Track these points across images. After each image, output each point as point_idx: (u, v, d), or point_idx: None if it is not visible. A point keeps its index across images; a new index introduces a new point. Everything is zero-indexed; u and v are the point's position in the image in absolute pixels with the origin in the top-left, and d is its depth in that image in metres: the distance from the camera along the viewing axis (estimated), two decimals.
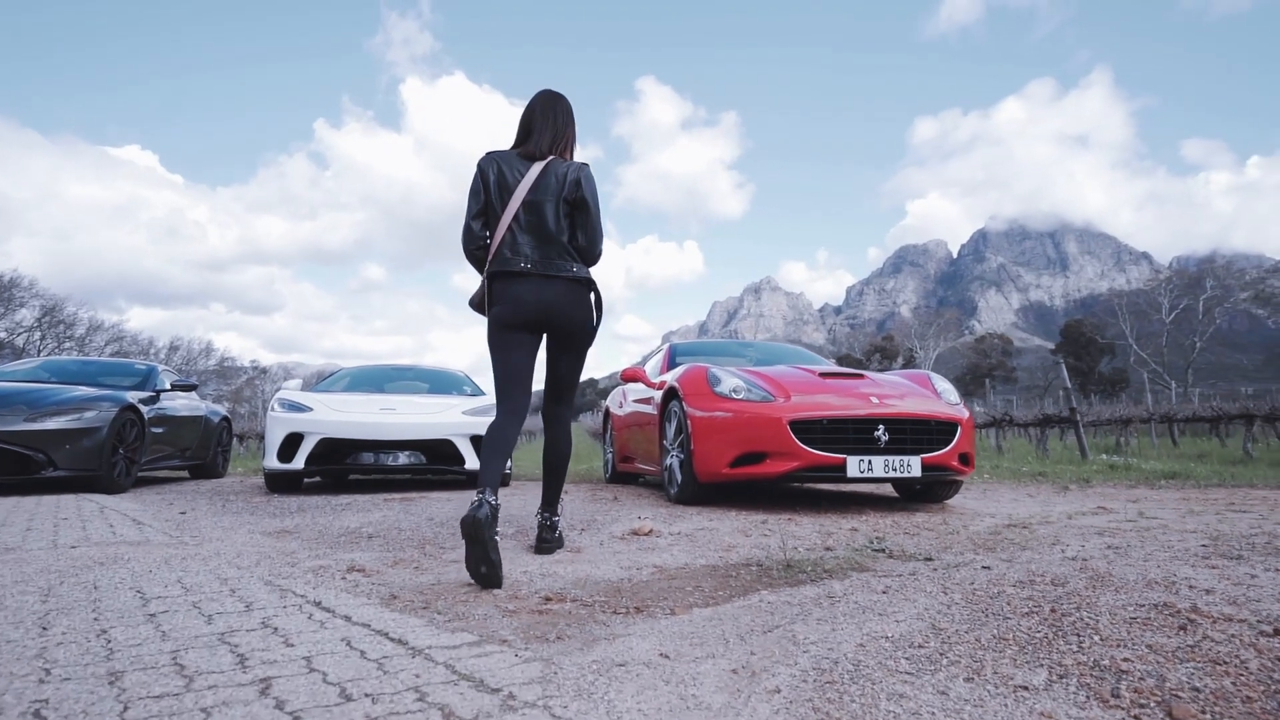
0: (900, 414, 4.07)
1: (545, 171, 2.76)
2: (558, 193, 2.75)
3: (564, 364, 2.89)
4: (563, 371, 2.90)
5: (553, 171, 2.77)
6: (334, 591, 2.16)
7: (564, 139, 2.87)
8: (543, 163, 2.78)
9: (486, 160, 2.80)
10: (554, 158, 2.81)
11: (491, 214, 2.76)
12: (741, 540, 3.21)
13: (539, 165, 2.77)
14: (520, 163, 2.79)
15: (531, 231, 2.72)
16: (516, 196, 2.72)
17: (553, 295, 2.72)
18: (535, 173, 2.75)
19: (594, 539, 3.25)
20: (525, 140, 2.85)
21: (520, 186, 2.73)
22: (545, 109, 2.86)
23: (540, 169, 2.76)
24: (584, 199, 2.79)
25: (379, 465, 5.58)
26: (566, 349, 2.85)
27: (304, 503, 4.82)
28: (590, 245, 2.83)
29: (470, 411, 5.95)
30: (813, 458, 3.94)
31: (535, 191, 2.73)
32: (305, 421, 5.55)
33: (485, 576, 2.27)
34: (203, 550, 2.93)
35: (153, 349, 46.20)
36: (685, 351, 6.09)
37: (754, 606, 1.99)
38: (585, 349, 2.90)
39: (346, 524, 3.76)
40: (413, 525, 3.69)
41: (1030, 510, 4.33)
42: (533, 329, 2.76)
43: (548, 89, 2.96)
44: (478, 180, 2.78)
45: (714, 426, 4.23)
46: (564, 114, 2.89)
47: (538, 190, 2.74)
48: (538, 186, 2.74)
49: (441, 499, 5.03)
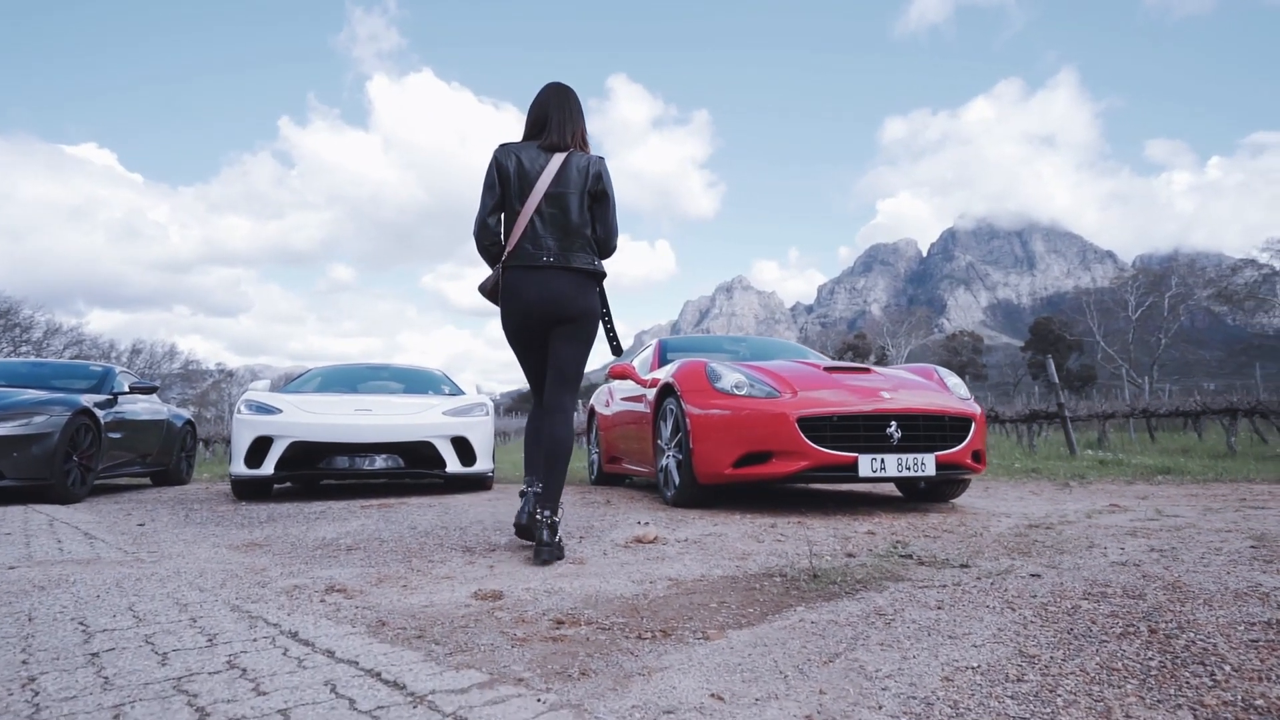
0: (913, 409, 3.86)
1: (566, 163, 2.74)
2: (580, 185, 2.74)
3: (567, 352, 2.82)
4: (565, 360, 2.83)
5: (574, 164, 2.75)
6: (312, 618, 1.88)
7: (580, 131, 2.86)
8: (564, 154, 2.76)
9: (503, 152, 2.76)
10: (574, 150, 2.79)
11: (509, 207, 2.74)
12: (755, 547, 2.98)
13: (560, 157, 2.74)
14: (540, 154, 2.75)
15: (554, 224, 2.72)
16: (539, 189, 2.69)
17: (560, 286, 2.71)
18: (557, 164, 2.72)
19: (595, 547, 2.99)
20: (541, 132, 2.81)
21: (542, 178, 2.70)
22: (559, 101, 2.84)
23: (562, 160, 2.74)
24: (605, 191, 2.81)
25: (355, 470, 5.26)
26: (570, 337, 2.80)
27: (274, 511, 4.50)
28: (608, 237, 2.85)
29: (451, 412, 5.64)
30: (823, 457, 3.71)
31: (558, 184, 2.71)
32: (274, 424, 5.21)
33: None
34: (161, 569, 2.61)
35: (114, 352, 44.82)
36: (676, 348, 5.85)
37: (796, 628, 1.75)
38: (590, 339, 2.86)
39: (322, 535, 3.46)
40: (395, 535, 3.40)
41: (1043, 509, 4.15)
42: (542, 324, 2.79)
43: (556, 82, 2.91)
44: (493, 172, 2.74)
45: (715, 425, 3.99)
46: (576, 106, 2.87)
47: (560, 182, 2.72)
48: (560, 179, 2.72)
49: (423, 505, 4.73)
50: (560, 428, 2.79)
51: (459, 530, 3.52)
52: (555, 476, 2.74)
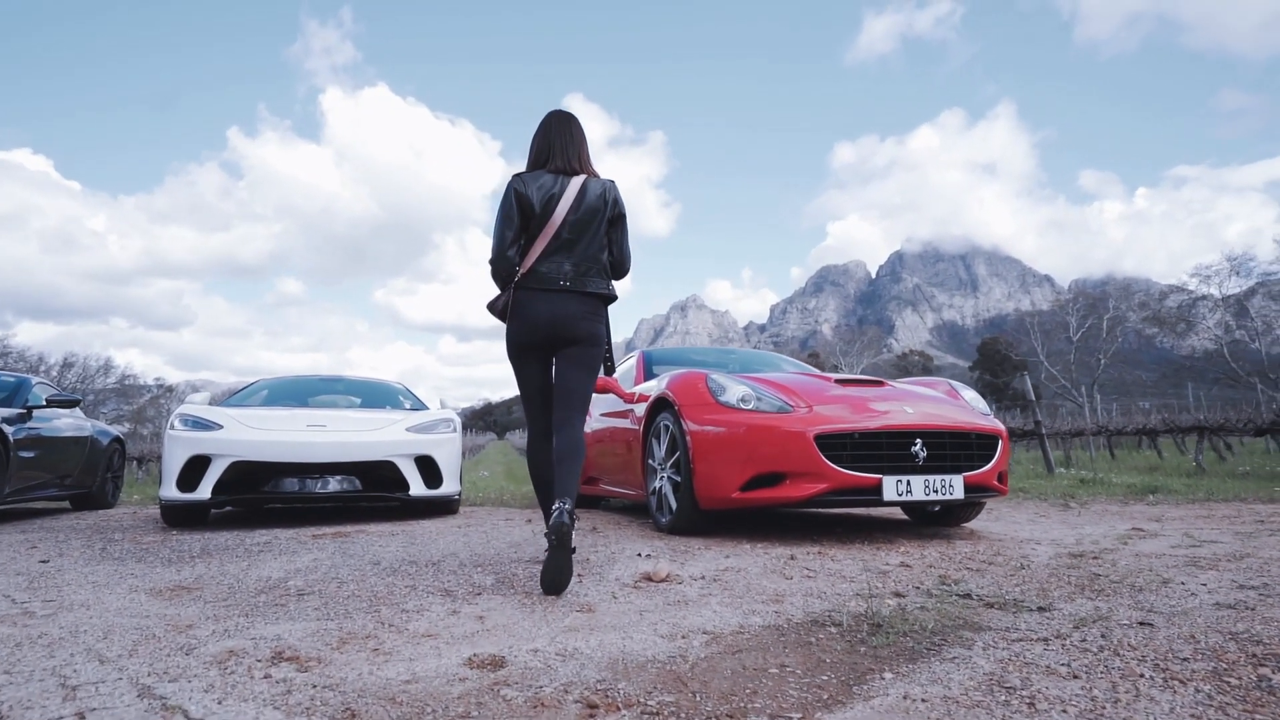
0: (939, 425, 3.51)
1: (584, 189, 2.76)
2: (599, 210, 2.76)
3: (575, 374, 2.80)
4: (573, 381, 2.80)
5: (590, 189, 2.77)
6: (254, 708, 1.38)
7: (585, 155, 2.87)
8: (580, 179, 2.77)
9: (519, 181, 2.75)
10: (587, 175, 2.81)
11: (529, 232, 2.73)
12: (784, 585, 2.56)
13: (577, 182, 2.76)
14: (556, 180, 2.76)
15: (571, 249, 2.72)
16: (558, 214, 2.70)
17: (569, 310, 2.72)
18: (575, 189, 2.74)
19: (600, 588, 2.53)
20: (549, 159, 2.82)
21: (561, 204, 2.71)
22: (560, 127, 2.85)
23: (579, 185, 2.75)
24: (622, 215, 2.86)
25: (305, 493, 4.67)
26: (577, 359, 2.79)
27: (210, 542, 3.91)
28: (622, 260, 2.90)
29: (415, 428, 5.10)
30: (844, 478, 3.32)
31: (576, 209, 2.73)
32: (213, 441, 4.60)
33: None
34: (55, 626, 2.06)
35: (43, 366, 42.34)
36: (662, 360, 5.43)
37: (907, 712, 1.33)
38: (597, 361, 2.87)
39: (267, 574, 2.91)
40: (355, 574, 2.87)
41: (1066, 534, 3.83)
42: (548, 344, 2.79)
43: (556, 109, 2.93)
44: (512, 202, 2.72)
45: (720, 442, 3.57)
46: (578, 131, 2.88)
47: (579, 208, 2.73)
48: (578, 204, 2.73)
49: (384, 534, 4.19)
50: (575, 433, 2.74)
51: (431, 567, 3.02)
52: (570, 471, 2.64)
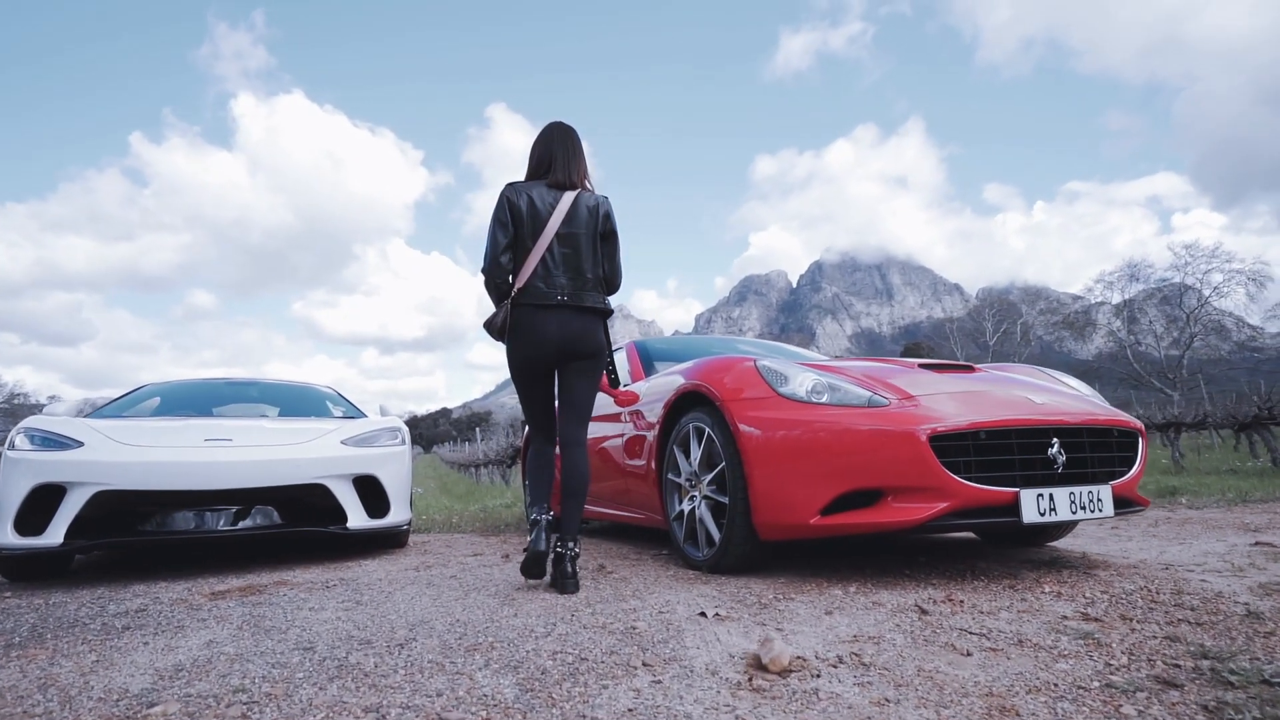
0: (1076, 420, 2.66)
1: (577, 203, 2.75)
2: (592, 225, 2.76)
3: (580, 388, 2.80)
4: (579, 396, 2.81)
5: (583, 203, 2.77)
6: None
7: (584, 169, 2.85)
8: (573, 193, 2.77)
9: (513, 190, 2.75)
10: (581, 189, 2.80)
11: (520, 244, 2.72)
12: (963, 664, 1.64)
13: (570, 195, 2.75)
14: (550, 193, 2.75)
15: (566, 263, 2.72)
16: (550, 227, 2.70)
17: (576, 327, 2.72)
18: (568, 203, 2.73)
19: (690, 693, 1.54)
20: (548, 171, 2.81)
21: (554, 217, 2.71)
22: (562, 139, 2.84)
23: (572, 199, 2.75)
24: (613, 230, 2.85)
25: (204, 532, 3.47)
26: (582, 373, 2.79)
27: (53, 611, 2.70)
28: (614, 275, 2.88)
29: (352, 440, 3.95)
30: (971, 494, 2.42)
31: (569, 223, 2.73)
32: (69, 465, 3.34)
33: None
34: None
35: None
36: (661, 355, 4.44)
37: None
38: (600, 373, 2.87)
39: (123, 681, 1.79)
40: (274, 670, 1.78)
41: (1182, 554, 3.05)
42: (554, 360, 2.77)
43: (558, 121, 2.89)
44: (505, 211, 2.72)
45: (790, 449, 2.63)
46: (578, 145, 2.87)
47: (571, 222, 2.73)
48: (571, 218, 2.73)
49: (315, 585, 3.06)
50: (581, 462, 2.76)
51: (396, 651, 1.95)
52: (575, 508, 2.71)
